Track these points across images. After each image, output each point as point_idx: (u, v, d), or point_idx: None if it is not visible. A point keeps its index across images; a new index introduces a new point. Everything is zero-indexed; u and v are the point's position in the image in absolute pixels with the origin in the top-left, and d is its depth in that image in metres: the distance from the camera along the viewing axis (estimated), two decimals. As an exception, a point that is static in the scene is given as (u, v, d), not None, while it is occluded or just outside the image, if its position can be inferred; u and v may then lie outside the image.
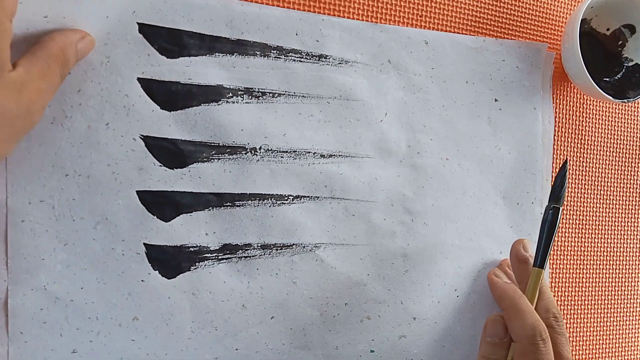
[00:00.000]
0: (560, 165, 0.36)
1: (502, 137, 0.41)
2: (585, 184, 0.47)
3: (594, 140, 0.47)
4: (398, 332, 0.38)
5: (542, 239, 0.36)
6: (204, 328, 0.34)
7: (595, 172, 0.47)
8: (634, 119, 0.49)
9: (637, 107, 0.49)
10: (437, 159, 0.39)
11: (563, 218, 0.46)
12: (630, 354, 0.48)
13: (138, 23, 0.32)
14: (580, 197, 0.46)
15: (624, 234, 0.48)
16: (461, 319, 0.40)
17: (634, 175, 0.49)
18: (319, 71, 0.36)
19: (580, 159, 0.46)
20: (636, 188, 0.49)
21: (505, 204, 0.41)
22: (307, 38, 0.36)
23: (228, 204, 0.34)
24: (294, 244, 0.36)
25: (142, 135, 0.32)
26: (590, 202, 0.47)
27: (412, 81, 0.39)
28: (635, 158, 0.49)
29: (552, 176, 0.44)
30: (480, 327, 0.39)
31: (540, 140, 0.42)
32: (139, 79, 0.32)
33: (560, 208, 0.36)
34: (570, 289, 0.46)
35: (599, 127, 0.47)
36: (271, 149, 0.35)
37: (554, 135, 0.45)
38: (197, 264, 0.34)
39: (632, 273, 0.49)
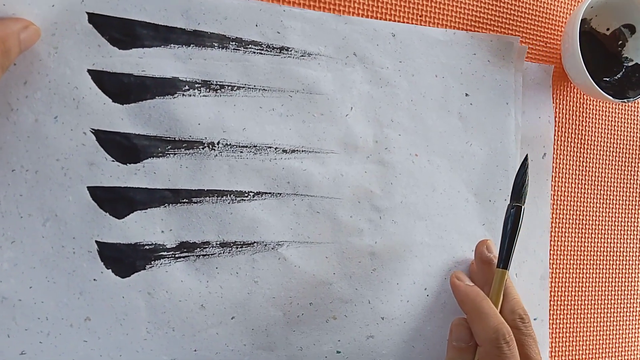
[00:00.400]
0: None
1: (473, 132, 0.40)
2: (585, 184, 0.46)
3: (594, 140, 0.47)
4: (365, 332, 0.37)
5: (505, 239, 0.35)
6: (161, 329, 0.33)
7: (595, 172, 0.47)
8: (634, 119, 0.49)
9: (637, 107, 0.49)
10: (405, 154, 0.38)
11: (563, 218, 0.45)
12: (630, 354, 0.48)
13: (87, 13, 0.31)
14: (580, 197, 0.46)
15: (624, 234, 0.48)
16: (432, 319, 0.39)
17: (634, 175, 0.49)
18: (280, 64, 0.35)
19: (580, 159, 0.46)
20: (636, 188, 0.48)
21: (476, 201, 0.40)
22: (267, 29, 0.35)
23: (185, 200, 0.33)
24: (255, 242, 0.35)
25: (92, 129, 0.31)
26: (590, 202, 0.46)
27: (379, 74, 0.38)
28: (635, 158, 0.49)
29: (552, 177, 0.43)
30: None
31: (512, 135, 0.41)
32: (89, 71, 0.31)
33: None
34: (570, 289, 0.45)
35: (599, 127, 0.47)
36: (230, 144, 0.34)
37: (554, 135, 0.44)
38: (152, 262, 0.33)
39: (632, 273, 0.48)
